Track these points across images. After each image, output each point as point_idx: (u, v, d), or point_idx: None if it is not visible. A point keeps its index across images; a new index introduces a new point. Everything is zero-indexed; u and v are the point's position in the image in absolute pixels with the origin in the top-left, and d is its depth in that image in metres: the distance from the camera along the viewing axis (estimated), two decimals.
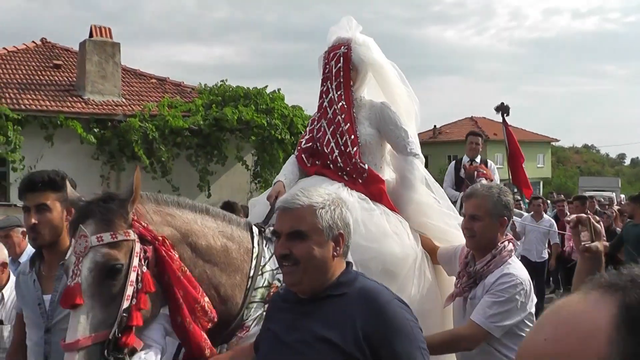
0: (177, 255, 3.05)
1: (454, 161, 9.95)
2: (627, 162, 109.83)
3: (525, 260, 11.19)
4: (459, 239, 4.10)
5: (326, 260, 2.48)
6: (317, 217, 2.46)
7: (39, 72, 20.86)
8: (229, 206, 8.06)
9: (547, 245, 12.37)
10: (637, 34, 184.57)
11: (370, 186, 4.31)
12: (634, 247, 9.11)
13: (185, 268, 3.06)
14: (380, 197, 4.28)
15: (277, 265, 3.29)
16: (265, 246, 3.58)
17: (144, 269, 2.92)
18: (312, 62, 5.19)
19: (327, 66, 4.53)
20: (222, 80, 21.59)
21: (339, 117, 4.42)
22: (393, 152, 4.63)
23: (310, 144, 4.58)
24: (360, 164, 4.33)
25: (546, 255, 12.28)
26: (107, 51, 19.97)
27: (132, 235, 2.92)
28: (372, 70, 4.58)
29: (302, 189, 2.59)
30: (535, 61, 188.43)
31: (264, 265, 3.48)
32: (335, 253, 2.50)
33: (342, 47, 4.48)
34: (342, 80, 4.46)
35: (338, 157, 4.37)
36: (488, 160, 9.78)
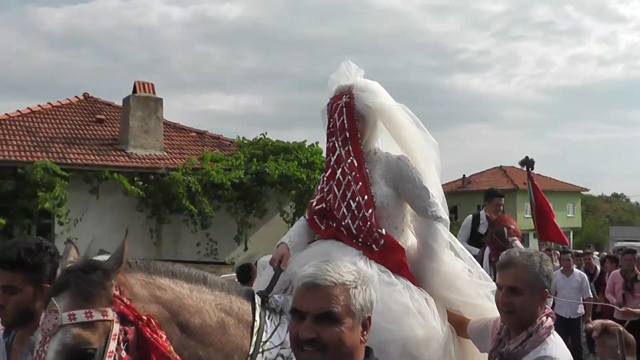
0: (164, 337, 2.71)
1: (470, 215, 9.80)
2: None
3: (558, 318, 11.07)
4: (494, 313, 3.66)
5: (355, 347, 2.16)
6: (351, 297, 2.15)
7: (83, 127, 21.42)
8: (245, 269, 7.93)
9: (581, 300, 12.02)
10: None
11: (388, 256, 3.86)
12: None
13: (173, 351, 2.70)
14: (400, 269, 3.84)
15: (281, 341, 3.12)
16: (268, 318, 3.26)
17: (123, 354, 2.55)
18: None
19: (331, 120, 4.11)
20: (261, 134, 22.06)
21: (349, 176, 3.97)
22: (414, 214, 4.15)
23: (322, 204, 4.11)
24: (377, 230, 3.87)
25: (582, 311, 11.94)
26: (150, 106, 20.49)
27: (111, 315, 2.55)
28: (381, 116, 4.11)
29: (330, 263, 2.25)
30: (561, 108, 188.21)
31: (265, 341, 3.13)
32: (362, 338, 2.20)
33: (344, 96, 4.04)
34: (347, 134, 4.02)
35: (350, 223, 3.90)
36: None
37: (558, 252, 18.24)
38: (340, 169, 4.01)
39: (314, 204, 4.16)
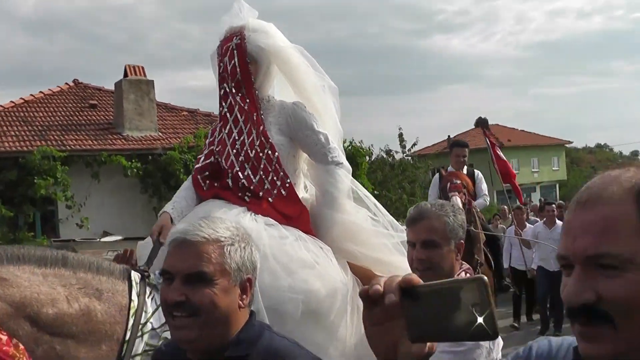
0: (4, 339, 2.32)
1: (437, 173, 9.37)
2: None
3: (542, 271, 11.04)
4: (402, 267, 3.27)
5: (231, 311, 1.93)
6: (225, 255, 1.92)
7: (77, 113, 21.86)
8: None
9: None
10: None
11: (287, 207, 3.60)
12: None
13: (19, 353, 2.33)
14: (299, 217, 3.59)
15: (163, 322, 2.70)
16: (149, 297, 2.87)
17: None
18: None
19: (221, 64, 3.79)
20: None
21: (241, 123, 3.70)
22: (311, 162, 3.86)
23: (210, 159, 3.81)
24: (282, 175, 3.63)
25: None
26: (142, 89, 20.92)
27: None
28: (275, 59, 3.80)
29: (205, 219, 2.03)
30: (542, 63, 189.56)
31: (145, 323, 2.75)
32: (241, 303, 1.97)
33: (235, 37, 3.74)
34: (240, 77, 3.72)
35: (239, 173, 3.62)
36: (476, 170, 9.34)
37: (536, 204, 18.77)
38: (232, 117, 3.74)
39: (201, 160, 3.88)
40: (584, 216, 1.21)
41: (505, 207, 18.75)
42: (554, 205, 12.28)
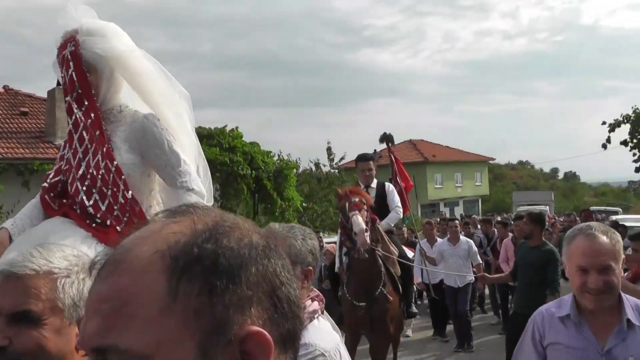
0: None
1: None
2: (561, 175, 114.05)
3: (447, 288, 11.27)
4: None
5: (64, 354, 1.66)
6: (58, 290, 1.67)
7: (8, 120, 21.91)
8: None
9: (471, 268, 11.32)
10: (565, 52, 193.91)
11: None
12: (531, 272, 7.72)
13: None
14: None
15: None
16: None
17: None
18: (249, 89, 3.73)
19: (62, 75, 3.39)
20: None
21: (87, 142, 3.32)
22: (163, 184, 3.53)
23: (59, 177, 3.46)
24: (131, 200, 3.28)
25: (472, 278, 11.11)
26: None
27: None
28: (117, 65, 3.38)
29: (40, 247, 1.76)
30: (468, 81, 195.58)
31: None
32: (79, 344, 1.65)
33: (69, 44, 3.32)
34: (80, 90, 3.32)
35: (85, 200, 3.26)
36: (386, 183, 8.98)
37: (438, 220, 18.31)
38: (77, 134, 3.36)
39: (50, 176, 3.51)
40: (99, 288, 0.86)
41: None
42: (457, 222, 12.19)
